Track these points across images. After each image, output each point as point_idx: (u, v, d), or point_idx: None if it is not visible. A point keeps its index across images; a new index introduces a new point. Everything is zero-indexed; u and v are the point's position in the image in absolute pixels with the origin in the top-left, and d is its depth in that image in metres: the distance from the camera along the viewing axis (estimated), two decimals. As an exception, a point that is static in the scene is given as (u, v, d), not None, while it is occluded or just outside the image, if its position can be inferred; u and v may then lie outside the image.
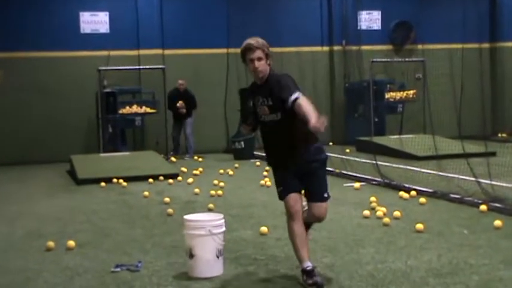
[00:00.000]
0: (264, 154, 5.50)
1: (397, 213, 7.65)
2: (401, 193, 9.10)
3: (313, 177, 5.25)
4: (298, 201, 5.18)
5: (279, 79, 5.16)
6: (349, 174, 11.41)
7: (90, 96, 15.83)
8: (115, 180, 11.62)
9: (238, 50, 5.31)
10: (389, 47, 18.66)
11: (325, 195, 5.33)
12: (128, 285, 5.37)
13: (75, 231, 7.62)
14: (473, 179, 8.98)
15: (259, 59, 5.12)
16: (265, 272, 5.61)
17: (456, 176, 10.05)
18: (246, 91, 5.45)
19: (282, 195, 5.20)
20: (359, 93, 17.27)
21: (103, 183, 11.37)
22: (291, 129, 5.13)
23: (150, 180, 11.65)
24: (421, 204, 8.49)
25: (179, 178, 11.89)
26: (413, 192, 9.08)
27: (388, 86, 17.46)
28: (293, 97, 4.99)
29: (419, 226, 6.92)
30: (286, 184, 5.19)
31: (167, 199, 9.46)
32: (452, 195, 8.72)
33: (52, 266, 6.06)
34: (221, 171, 12.72)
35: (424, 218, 7.49)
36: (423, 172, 11.10)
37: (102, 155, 14.30)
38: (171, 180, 11.61)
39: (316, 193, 5.28)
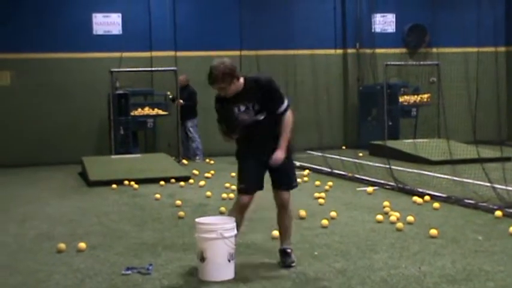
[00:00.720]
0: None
1: (410, 218, 7.63)
2: (415, 198, 9.07)
3: (281, 166, 5.58)
4: (251, 200, 5.68)
5: (266, 84, 5.42)
6: (362, 178, 11.38)
7: (102, 98, 15.87)
8: (126, 182, 11.65)
9: (251, 52, 5.47)
10: (404, 50, 18.60)
11: (294, 184, 5.78)
12: (139, 288, 5.38)
13: (86, 233, 7.65)
14: (488, 184, 8.93)
15: (221, 88, 5.45)
16: (276, 276, 5.60)
17: (471, 181, 10.01)
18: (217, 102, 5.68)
19: (241, 191, 5.65)
20: (373, 96, 17.23)
21: (114, 185, 11.40)
22: (272, 124, 5.55)
23: (162, 182, 11.67)
24: (435, 209, 8.45)
25: (191, 181, 11.91)
26: (427, 197, 9.05)
27: (402, 89, 17.39)
28: (283, 108, 5.45)
29: (433, 231, 6.89)
30: (248, 183, 5.64)
31: (178, 202, 9.47)
32: (466, 201, 8.68)
33: (63, 268, 6.08)
34: (233, 174, 12.67)
35: (438, 224, 7.46)
36: (437, 177, 11.06)
37: (113, 157, 14.34)
38: (182, 183, 11.62)
39: (283, 182, 5.71)
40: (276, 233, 7.04)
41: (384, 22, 18.64)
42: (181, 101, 15.73)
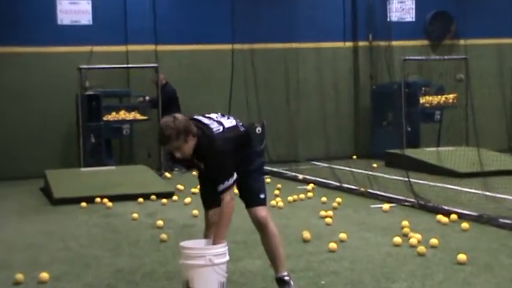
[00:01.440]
0: (276, 169, 5.81)
1: (434, 241, 7.61)
2: (440, 217, 9.06)
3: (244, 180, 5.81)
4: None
5: (211, 154, 5.50)
6: (376, 194, 11.38)
7: (69, 100, 15.83)
8: (98, 199, 11.61)
9: (245, 46, 5.53)
10: (425, 42, 18.64)
11: (262, 196, 5.86)
12: (113, 325, 5.35)
13: (49, 260, 7.61)
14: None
15: (176, 149, 5.45)
16: (276, 310, 5.58)
17: (506, 196, 9.99)
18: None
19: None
20: (388, 97, 17.23)
21: (84, 204, 11.36)
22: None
23: (140, 199, 11.64)
24: (464, 230, 8.44)
25: (175, 197, 11.89)
26: (453, 216, 9.03)
27: (424, 88, 17.41)
28: (221, 188, 5.55)
29: (462, 257, 6.87)
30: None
31: (160, 222, 9.45)
32: (501, 220, 8.66)
33: (22, 302, 6.04)
34: (224, 189, 12.69)
35: (467, 247, 7.44)
36: (466, 192, 11.06)
37: (83, 169, 14.31)
38: (165, 200, 11.60)
39: (249, 198, 5.87)
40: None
41: (402, 9, 18.67)
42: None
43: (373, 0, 18.26)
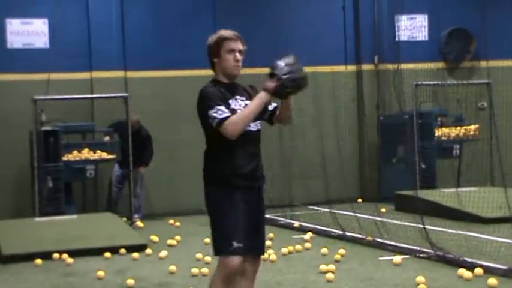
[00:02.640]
0: (267, 216, 5.79)
1: (456, 300, 7.56)
2: (462, 271, 9.02)
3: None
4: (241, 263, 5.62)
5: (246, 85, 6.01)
6: (385, 243, 11.34)
7: (22, 138, 15.78)
8: (56, 255, 11.50)
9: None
10: (441, 64, 18.72)
11: (216, 246, 5.76)
12: None
13: (-2, 329, 7.51)
14: None
15: (240, 52, 5.93)
16: None
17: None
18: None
19: (227, 250, 5.55)
20: (398, 129, 17.27)
21: (39, 260, 11.23)
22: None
23: (107, 254, 11.55)
24: (491, 287, 8.38)
25: (148, 251, 11.81)
26: (478, 270, 8.99)
27: (440, 119, 17.45)
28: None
29: (489, 318, 6.82)
30: (239, 234, 5.61)
31: (131, 281, 9.38)
32: (535, 274, 8.65)
33: None
34: (207, 240, 12.60)
35: (495, 307, 7.38)
36: (492, 240, 11.02)
37: (38, 219, 14.21)
38: (136, 254, 11.52)
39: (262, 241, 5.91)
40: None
41: (413, 27, 18.77)
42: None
43: (379, 17, 18.36)
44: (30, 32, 16.92)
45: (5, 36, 16.81)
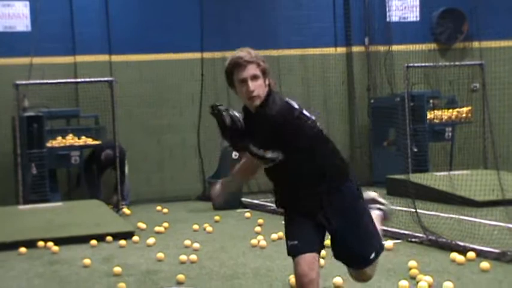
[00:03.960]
0: (256, 201, 5.65)
1: (448, 285, 7.59)
2: (454, 255, 9.05)
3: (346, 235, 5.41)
4: (315, 264, 5.26)
5: (290, 118, 5.16)
6: (377, 229, 11.36)
7: (4, 124, 15.78)
8: (41, 243, 11.51)
9: (217, 54, 5.42)
10: (433, 45, 18.72)
11: (372, 255, 5.50)
12: None
13: (-18, 319, 7.53)
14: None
15: (254, 77, 5.14)
16: None
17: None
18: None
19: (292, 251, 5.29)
20: (389, 112, 17.26)
21: (23, 249, 11.24)
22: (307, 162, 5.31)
23: (93, 242, 11.57)
24: (484, 271, 8.42)
25: (135, 238, 11.82)
26: (471, 254, 9.03)
27: (431, 101, 17.47)
28: None
29: (482, 302, 6.87)
30: (299, 236, 5.29)
31: (118, 269, 9.37)
32: (528, 258, 8.69)
33: None
34: (195, 226, 12.65)
35: (487, 291, 7.44)
36: (485, 224, 11.06)
37: (21, 207, 14.20)
38: (123, 242, 11.53)
39: (355, 260, 5.54)
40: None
41: (404, 7, 18.77)
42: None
43: (370, -3, 18.38)
44: (11, 15, 16.88)
45: (-15, 20, 16.80)
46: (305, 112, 5.30)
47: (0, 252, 11.29)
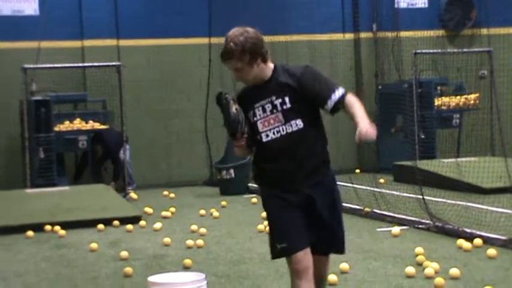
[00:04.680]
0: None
1: (455, 272, 7.59)
2: (461, 241, 9.05)
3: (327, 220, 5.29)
4: (308, 254, 5.20)
5: (303, 72, 5.29)
6: (384, 215, 11.39)
7: (12, 108, 15.79)
8: (48, 227, 11.55)
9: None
10: (441, 32, 18.68)
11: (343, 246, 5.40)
12: None
13: (-10, 302, 7.56)
14: None
15: (237, 70, 5.19)
16: None
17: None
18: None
19: (284, 253, 5.23)
20: (397, 99, 17.26)
21: (30, 232, 11.28)
22: (312, 138, 5.41)
23: (100, 226, 11.59)
24: (490, 257, 8.42)
25: (142, 223, 11.85)
26: (478, 241, 9.03)
27: (439, 88, 17.45)
28: (339, 94, 5.28)
29: (488, 289, 6.88)
30: (291, 235, 5.23)
31: (124, 253, 9.38)
32: (535, 245, 8.69)
33: None
34: (202, 211, 12.66)
35: (494, 278, 7.44)
36: (492, 211, 11.05)
37: (29, 191, 14.25)
38: (130, 226, 11.55)
39: (331, 244, 5.37)
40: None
41: (412, -7, 18.76)
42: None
43: (378, -17, 18.33)
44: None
45: (-6, 4, 16.80)
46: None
47: (8, 235, 11.32)
